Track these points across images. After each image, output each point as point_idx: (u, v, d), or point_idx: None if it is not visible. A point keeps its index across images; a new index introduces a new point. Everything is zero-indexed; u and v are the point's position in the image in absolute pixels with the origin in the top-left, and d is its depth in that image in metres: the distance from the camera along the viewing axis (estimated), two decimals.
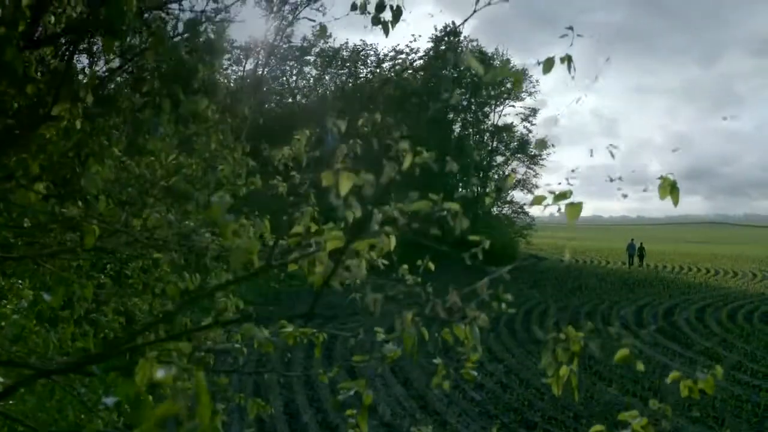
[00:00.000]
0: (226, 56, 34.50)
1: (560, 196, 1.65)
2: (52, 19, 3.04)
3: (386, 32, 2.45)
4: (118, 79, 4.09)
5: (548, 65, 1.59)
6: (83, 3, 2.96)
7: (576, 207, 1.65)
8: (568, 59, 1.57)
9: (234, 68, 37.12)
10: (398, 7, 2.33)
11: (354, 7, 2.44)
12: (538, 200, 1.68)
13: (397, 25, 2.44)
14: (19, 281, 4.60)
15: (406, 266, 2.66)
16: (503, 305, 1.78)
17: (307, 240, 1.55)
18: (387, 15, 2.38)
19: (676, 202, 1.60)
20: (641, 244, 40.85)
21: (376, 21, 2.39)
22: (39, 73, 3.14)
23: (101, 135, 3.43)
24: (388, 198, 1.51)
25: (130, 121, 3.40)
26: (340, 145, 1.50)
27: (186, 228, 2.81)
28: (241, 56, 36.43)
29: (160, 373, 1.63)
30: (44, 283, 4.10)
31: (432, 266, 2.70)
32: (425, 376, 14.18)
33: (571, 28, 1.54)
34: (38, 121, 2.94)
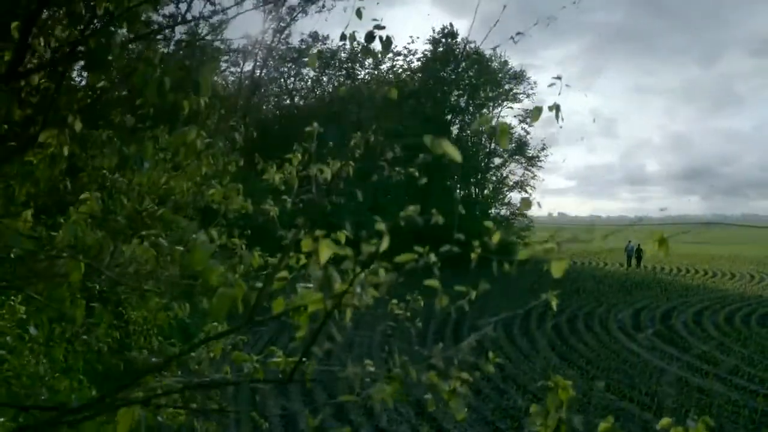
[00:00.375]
0: (224, 58, 34.53)
1: (537, 110, 1.64)
2: (41, 41, 3.00)
3: (376, 62, 2.47)
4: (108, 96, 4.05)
5: (536, 114, 1.57)
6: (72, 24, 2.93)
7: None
8: (556, 108, 1.54)
9: (232, 70, 37.12)
10: (388, 38, 2.30)
11: (343, 38, 2.41)
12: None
13: (387, 54, 2.42)
14: (12, 298, 4.57)
15: (395, 301, 2.65)
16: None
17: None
18: (377, 46, 2.35)
19: (666, 255, 1.58)
20: (639, 245, 40.86)
21: (366, 51, 2.37)
22: (27, 94, 3.10)
23: (91, 153, 3.40)
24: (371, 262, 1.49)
25: (120, 139, 3.37)
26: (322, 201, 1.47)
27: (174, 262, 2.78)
28: (239, 58, 36.45)
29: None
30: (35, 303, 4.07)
31: (421, 302, 2.69)
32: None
33: (559, 77, 1.52)
34: (25, 146, 2.90)
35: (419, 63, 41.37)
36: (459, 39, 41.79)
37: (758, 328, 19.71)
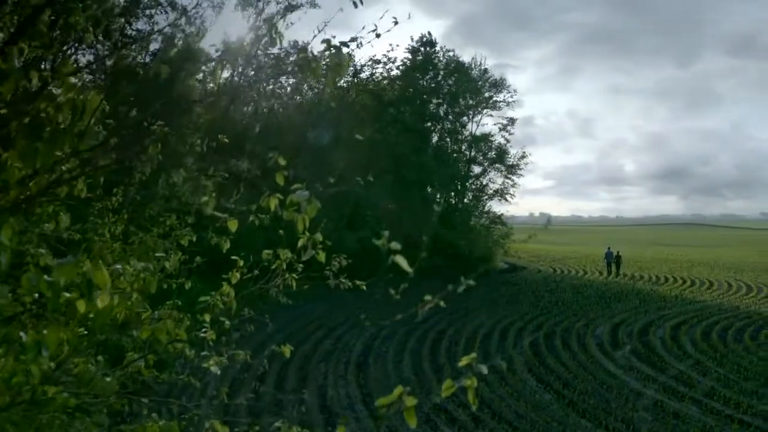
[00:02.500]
0: (203, 68, 34.06)
1: None
2: None
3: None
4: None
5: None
6: None
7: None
8: None
9: (209, 79, 36.59)
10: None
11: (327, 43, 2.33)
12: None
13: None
14: None
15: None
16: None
17: None
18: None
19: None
20: (617, 252, 41.20)
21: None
22: None
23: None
24: None
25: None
26: None
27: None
28: (217, 67, 35.96)
29: None
30: None
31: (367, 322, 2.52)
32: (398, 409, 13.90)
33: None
34: None
35: (398, 72, 41.18)
36: (438, 48, 41.72)
37: (734, 345, 19.71)
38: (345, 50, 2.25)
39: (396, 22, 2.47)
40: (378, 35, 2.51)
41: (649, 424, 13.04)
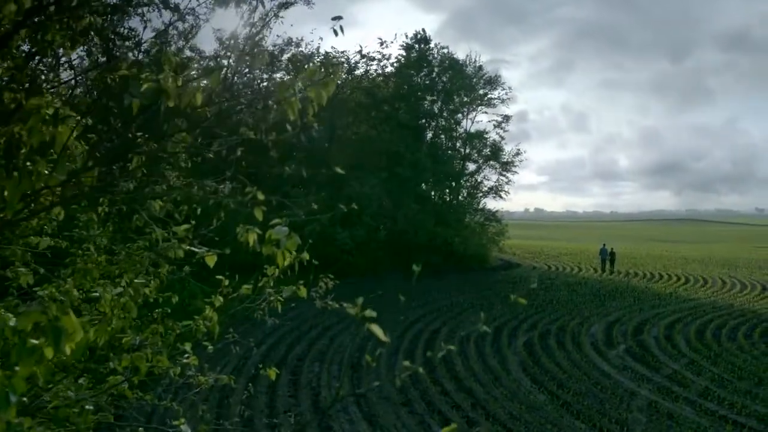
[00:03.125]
0: (195, 65, 33.89)
1: None
2: None
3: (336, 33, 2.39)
4: None
5: None
6: None
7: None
8: None
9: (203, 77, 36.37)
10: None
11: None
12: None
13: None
14: None
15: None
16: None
17: None
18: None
19: None
20: (612, 249, 41.40)
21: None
22: None
23: None
24: None
25: None
26: None
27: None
28: (210, 64, 35.84)
29: None
30: None
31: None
32: (392, 410, 13.87)
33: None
34: None
35: (392, 69, 41.03)
36: (432, 45, 41.59)
37: (728, 344, 19.75)
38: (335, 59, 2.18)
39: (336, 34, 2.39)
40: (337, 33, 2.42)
41: (643, 426, 13.02)
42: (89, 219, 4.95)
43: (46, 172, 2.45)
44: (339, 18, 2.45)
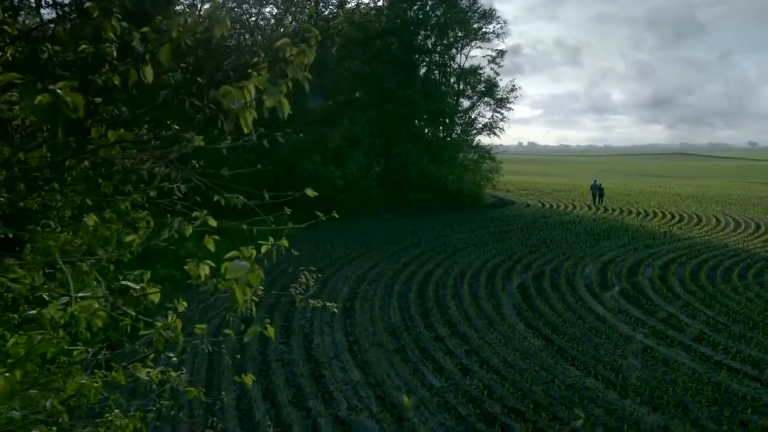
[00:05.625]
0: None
1: None
2: None
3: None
4: None
5: None
6: None
7: None
8: None
9: (189, 11, 34.81)
10: None
11: None
12: None
13: None
14: None
15: None
16: None
17: None
18: None
19: None
20: (601, 184, 43.09)
21: None
22: None
23: None
24: None
25: None
26: None
27: None
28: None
29: None
30: None
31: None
32: (385, 358, 13.72)
33: None
34: None
35: (385, 2, 39.41)
36: None
37: (723, 285, 19.64)
38: None
39: None
40: None
41: (638, 372, 12.93)
42: (51, 187, 4.41)
43: None
44: None
